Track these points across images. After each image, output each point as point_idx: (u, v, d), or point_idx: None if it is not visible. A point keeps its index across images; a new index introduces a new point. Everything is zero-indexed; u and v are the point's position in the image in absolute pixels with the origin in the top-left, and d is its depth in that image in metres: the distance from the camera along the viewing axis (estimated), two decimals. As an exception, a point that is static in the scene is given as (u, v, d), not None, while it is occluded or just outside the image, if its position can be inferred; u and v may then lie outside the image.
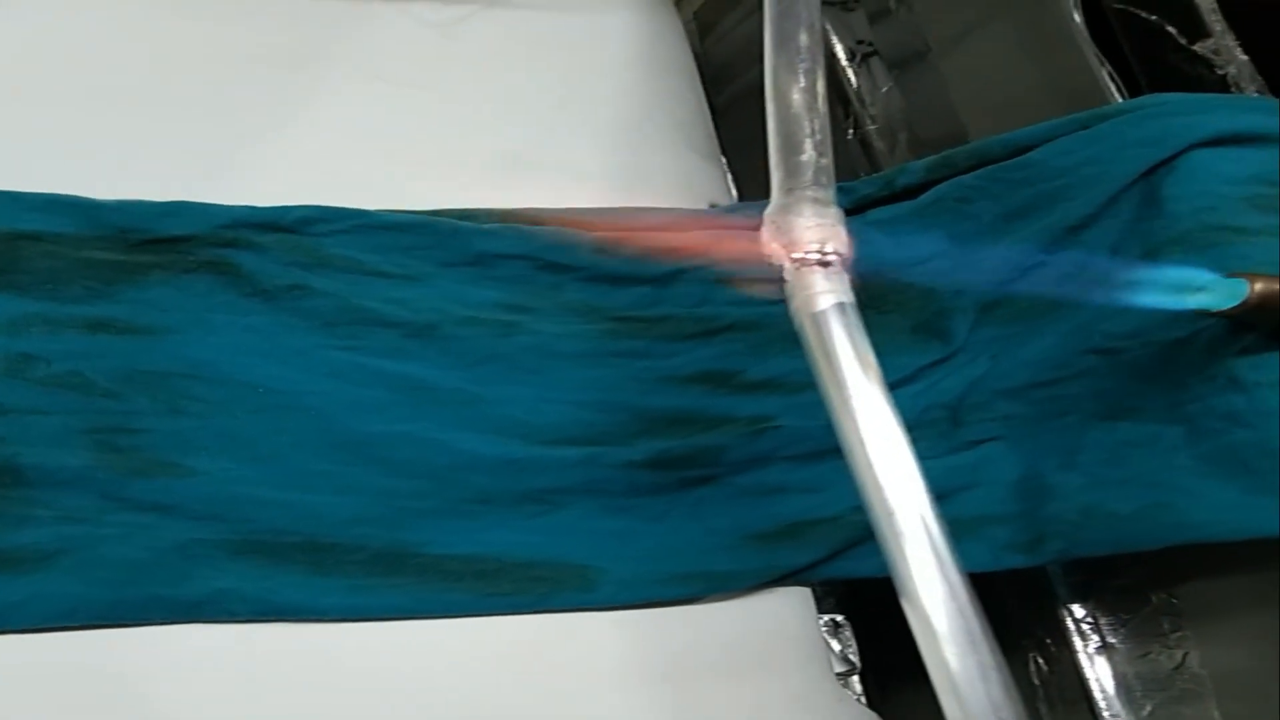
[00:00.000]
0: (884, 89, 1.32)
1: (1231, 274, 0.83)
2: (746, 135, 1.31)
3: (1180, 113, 0.97)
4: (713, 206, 1.17)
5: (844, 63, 1.33)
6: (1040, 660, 1.09)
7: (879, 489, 0.68)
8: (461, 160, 1.09)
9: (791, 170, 0.76)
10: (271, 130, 1.05)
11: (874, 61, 1.34)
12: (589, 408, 1.01)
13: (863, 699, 1.07)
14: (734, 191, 1.28)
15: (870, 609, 1.09)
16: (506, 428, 0.98)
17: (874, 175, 1.09)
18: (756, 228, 0.78)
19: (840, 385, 0.71)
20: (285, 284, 0.97)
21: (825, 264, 0.74)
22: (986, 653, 0.64)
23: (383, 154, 1.07)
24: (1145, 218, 0.96)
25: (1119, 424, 0.96)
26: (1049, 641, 1.08)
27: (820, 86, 0.79)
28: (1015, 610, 1.10)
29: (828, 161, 0.76)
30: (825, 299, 0.72)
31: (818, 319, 0.72)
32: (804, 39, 0.81)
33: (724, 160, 1.30)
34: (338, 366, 0.96)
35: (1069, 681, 1.06)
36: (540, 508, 0.98)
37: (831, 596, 1.10)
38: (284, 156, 1.04)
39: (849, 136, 1.32)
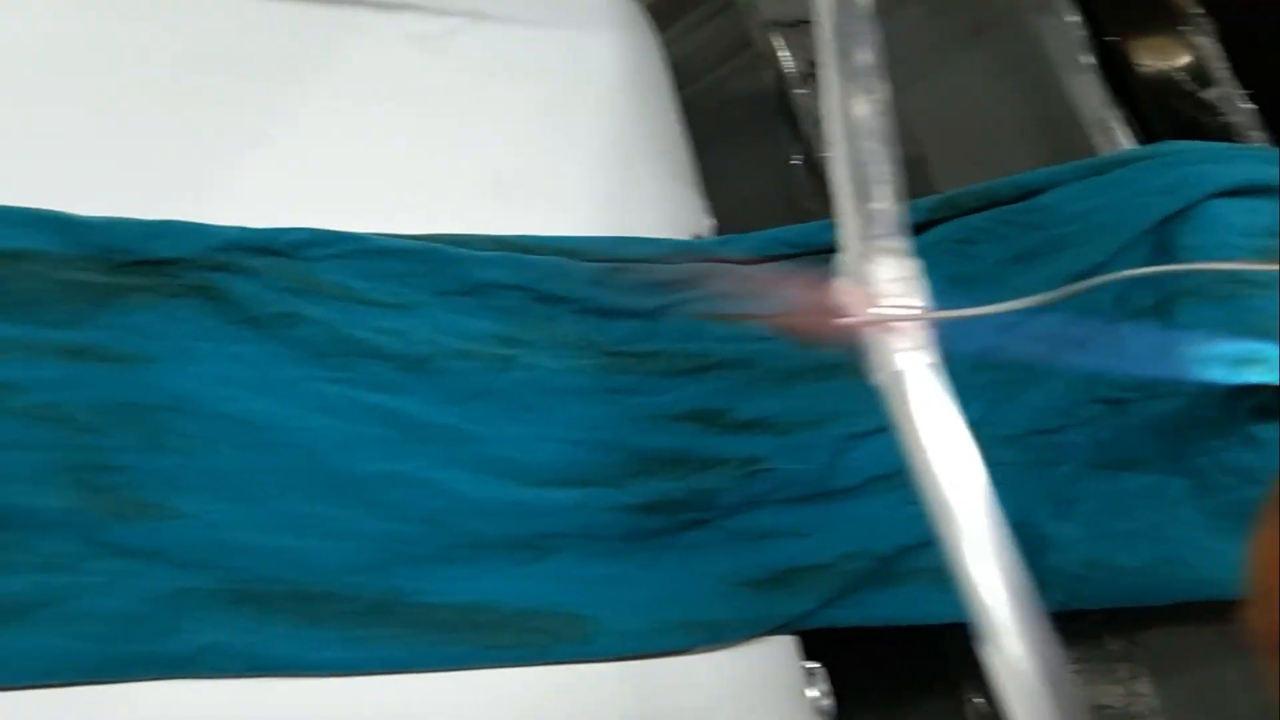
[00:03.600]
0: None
1: None
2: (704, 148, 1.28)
3: (1198, 161, 0.97)
4: (696, 238, 1.13)
5: (795, 84, 1.29)
6: (979, 701, 1.07)
7: (962, 557, 0.68)
8: (446, 180, 1.05)
9: (867, 219, 0.73)
10: (251, 144, 0.99)
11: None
12: (583, 447, 0.98)
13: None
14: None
15: (839, 654, 1.05)
16: (500, 468, 0.94)
17: (874, 212, 1.05)
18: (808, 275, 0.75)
19: (922, 451, 0.68)
20: (276, 312, 0.91)
21: (905, 320, 0.71)
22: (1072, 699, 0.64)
23: (366, 171, 1.02)
24: (1157, 266, 0.95)
25: (1119, 474, 0.96)
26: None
27: (887, 119, 0.77)
28: (953, 651, 1.09)
29: (902, 209, 0.74)
30: (908, 357, 0.70)
31: (900, 378, 0.69)
32: (865, 62, 0.78)
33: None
34: (328, 400, 0.91)
35: None
36: (533, 553, 0.94)
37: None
38: (263, 172, 0.99)
39: (795, 162, 1.28)
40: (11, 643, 0.78)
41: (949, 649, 1.10)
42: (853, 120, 0.75)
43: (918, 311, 0.71)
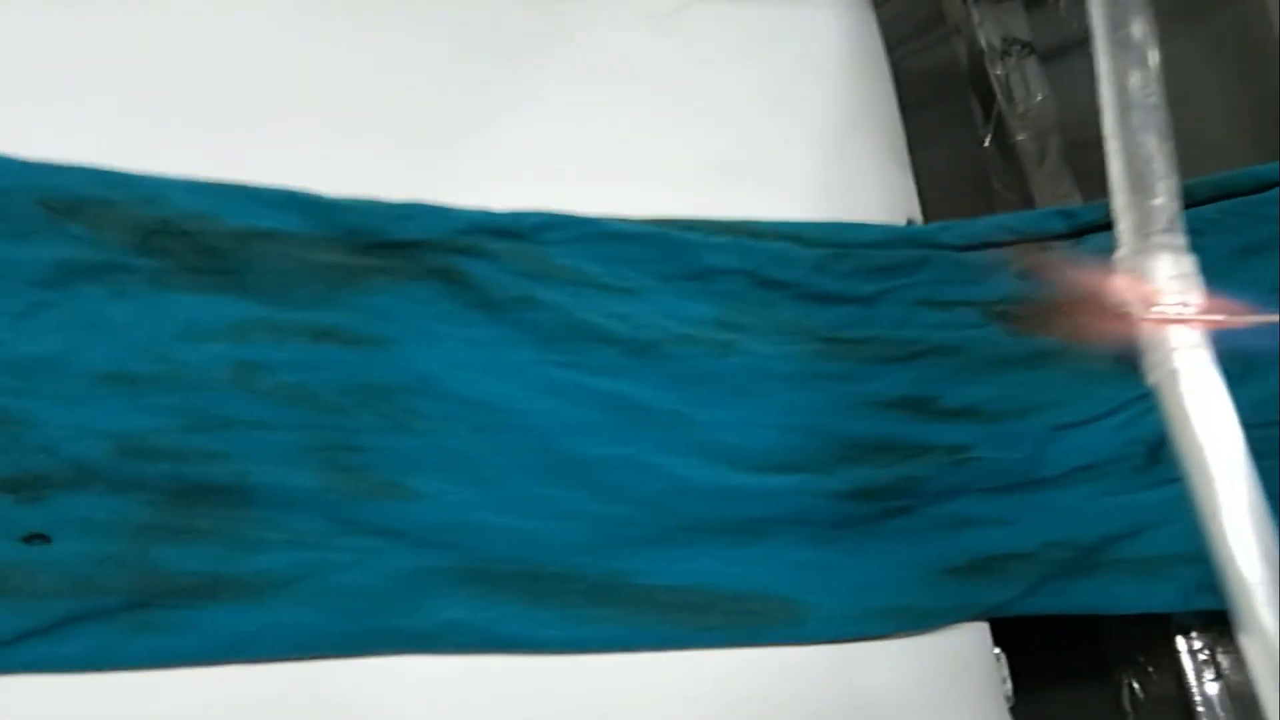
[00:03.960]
0: (1039, 97, 1.26)
1: None
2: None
3: None
4: (909, 223, 1.12)
5: (992, 60, 1.27)
6: (1136, 686, 1.06)
7: (1232, 563, 0.67)
8: (673, 160, 1.05)
9: (1146, 214, 0.72)
10: (486, 123, 1.00)
11: (1029, 63, 1.29)
12: (795, 432, 0.98)
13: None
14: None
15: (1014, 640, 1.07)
16: (717, 452, 0.96)
17: (1099, 202, 1.04)
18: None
19: (1198, 451, 0.67)
20: (512, 295, 0.92)
21: (1184, 318, 0.69)
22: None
23: (596, 150, 1.03)
24: None
25: None
26: (1151, 669, 1.05)
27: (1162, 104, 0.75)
28: (1114, 634, 1.08)
29: (1179, 204, 0.72)
30: (1184, 355, 0.68)
31: (1176, 377, 0.68)
32: (1140, 34, 0.76)
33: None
34: (557, 384, 0.93)
35: (1167, 713, 1.04)
36: (746, 537, 0.95)
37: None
38: (497, 149, 1.00)
39: (987, 142, 1.26)
40: (268, 616, 0.81)
41: (1107, 636, 1.10)
42: (1128, 100, 0.73)
43: (1208, 311, 0.69)
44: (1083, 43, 1.21)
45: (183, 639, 0.80)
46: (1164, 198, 0.72)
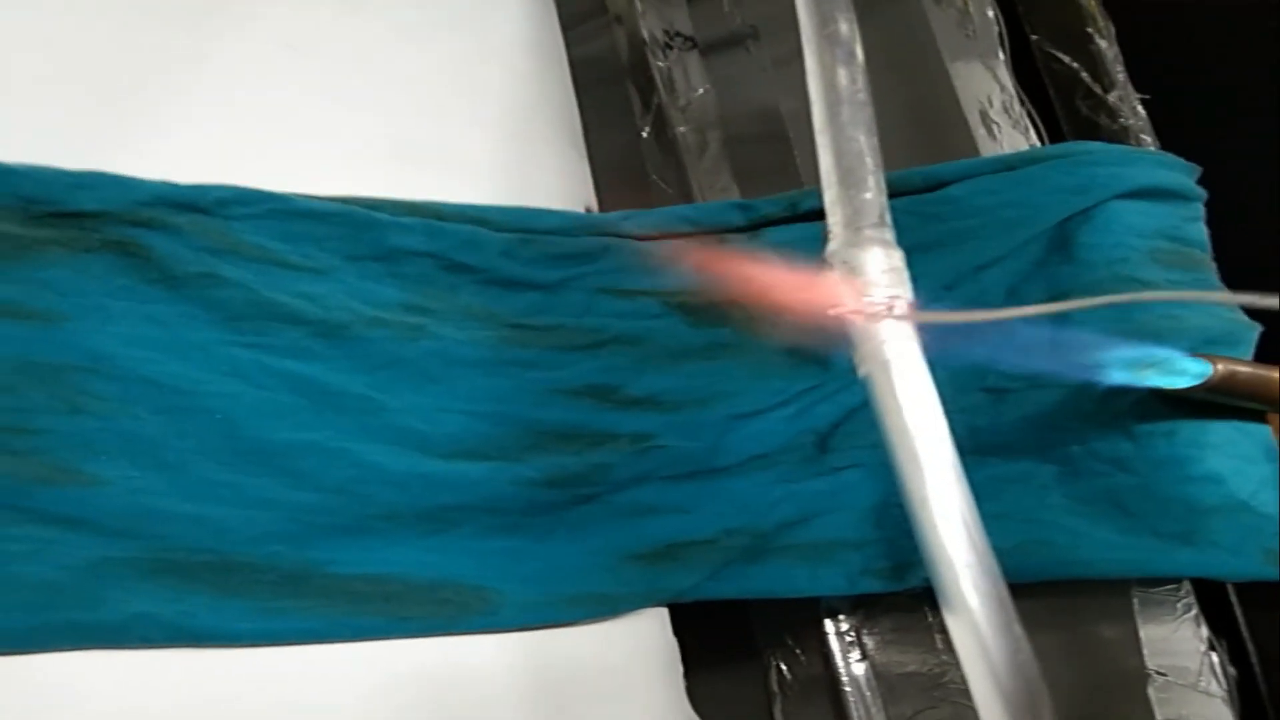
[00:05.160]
0: (700, 90, 1.28)
1: (1195, 354, 0.86)
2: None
3: (1106, 163, 1.00)
4: (587, 211, 1.12)
5: (653, 51, 1.28)
6: (784, 668, 1.10)
7: (941, 548, 0.68)
8: (355, 139, 1.01)
9: (858, 209, 0.73)
10: (163, 94, 0.94)
11: (690, 56, 1.30)
12: (484, 419, 0.97)
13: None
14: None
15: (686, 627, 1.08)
16: (407, 439, 0.93)
17: (778, 196, 1.06)
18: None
19: (908, 440, 0.69)
20: (195, 271, 0.88)
21: (894, 312, 0.71)
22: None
23: (278, 127, 0.98)
24: (1053, 263, 0.99)
25: (988, 459, 0.99)
26: (799, 651, 1.09)
27: (869, 99, 0.77)
28: (763, 617, 1.11)
29: (886, 199, 0.74)
30: (895, 348, 0.70)
31: (888, 369, 0.70)
32: (847, 31, 0.78)
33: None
34: (241, 365, 0.89)
35: (814, 693, 1.07)
36: (438, 525, 0.94)
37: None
38: (175, 124, 0.94)
39: (645, 134, 1.27)
40: None
41: (755, 619, 1.14)
42: (837, 95, 0.75)
43: (904, 306, 0.71)
44: (745, 39, 1.24)
45: None
46: (873, 192, 0.73)
